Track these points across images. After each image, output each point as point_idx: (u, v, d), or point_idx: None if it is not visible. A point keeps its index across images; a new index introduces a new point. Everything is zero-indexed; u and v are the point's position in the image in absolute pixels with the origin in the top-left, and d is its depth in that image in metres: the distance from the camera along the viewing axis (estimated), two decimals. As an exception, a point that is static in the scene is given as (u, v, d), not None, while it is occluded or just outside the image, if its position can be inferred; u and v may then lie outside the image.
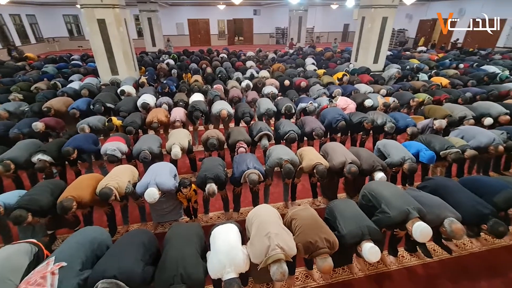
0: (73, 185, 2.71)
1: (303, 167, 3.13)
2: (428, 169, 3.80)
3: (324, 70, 8.02)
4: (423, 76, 7.25)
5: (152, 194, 2.61)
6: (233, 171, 3.15)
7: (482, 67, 8.03)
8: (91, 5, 6.29)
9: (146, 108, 5.05)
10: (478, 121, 4.49)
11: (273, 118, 5.07)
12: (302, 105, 5.08)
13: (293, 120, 5.33)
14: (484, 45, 12.58)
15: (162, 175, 2.82)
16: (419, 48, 12.91)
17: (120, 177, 2.77)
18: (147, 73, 7.83)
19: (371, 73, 7.55)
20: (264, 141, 3.78)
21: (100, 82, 6.96)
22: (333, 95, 5.72)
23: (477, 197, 2.56)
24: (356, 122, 4.34)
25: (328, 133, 4.61)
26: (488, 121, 4.39)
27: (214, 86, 6.26)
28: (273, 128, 4.51)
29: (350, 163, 3.02)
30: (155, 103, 5.33)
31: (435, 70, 7.89)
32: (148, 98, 5.23)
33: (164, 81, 6.80)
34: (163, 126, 4.72)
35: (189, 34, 19.16)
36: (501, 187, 2.60)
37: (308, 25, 17.75)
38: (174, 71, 7.79)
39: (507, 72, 7.29)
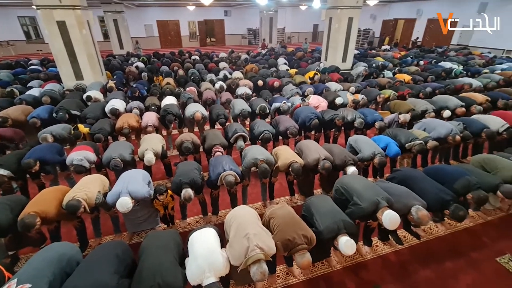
0: (35, 200, 2.52)
1: (279, 166, 3.18)
2: (396, 161, 4.02)
3: (296, 70, 8.19)
4: (388, 73, 7.66)
5: (124, 204, 2.50)
6: (209, 174, 3.11)
7: (440, 64, 8.67)
8: (49, 6, 5.88)
9: (115, 113, 4.83)
10: (438, 113, 4.84)
11: (248, 119, 5.08)
12: (276, 104, 5.14)
13: (267, 120, 5.38)
14: (440, 43, 13.58)
15: (134, 182, 2.72)
16: (384, 47, 13.63)
17: (89, 187, 2.62)
18: (115, 77, 7.49)
19: (340, 72, 7.84)
20: (240, 142, 3.78)
21: (63, 88, 6.53)
22: (305, 94, 5.87)
23: (439, 185, 2.75)
24: (328, 120, 4.48)
25: (302, 132, 4.71)
26: (446, 113, 4.74)
27: (187, 89, 6.15)
28: (248, 128, 4.52)
29: (324, 159, 3.11)
30: (125, 108, 5.12)
31: (398, 67, 8.39)
32: (117, 103, 5.01)
33: (134, 85, 6.55)
34: (135, 131, 4.54)
35: (159, 35, 18.63)
36: (459, 175, 2.82)
37: (279, 25, 18.04)
38: (144, 74, 7.54)
39: (460, 68, 7.93)
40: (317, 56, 10.26)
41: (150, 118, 4.46)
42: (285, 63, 9.23)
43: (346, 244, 2.10)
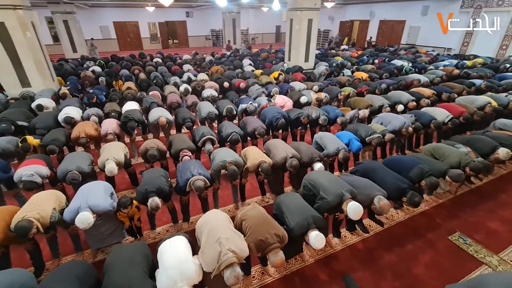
0: (-25, 225, 2.23)
1: (248, 166, 3.19)
2: (359, 155, 4.26)
3: (261, 71, 8.30)
4: (347, 72, 8.11)
5: (85, 219, 2.32)
6: (177, 180, 3.02)
7: (392, 62, 9.38)
8: (-17, 6, 5.27)
9: (70, 122, 4.47)
10: (392, 108, 5.22)
11: (215, 121, 5.02)
12: (242, 106, 5.16)
13: (235, 121, 5.38)
14: (392, 42, 14.71)
15: (95, 195, 2.53)
16: (342, 47, 14.38)
17: (41, 205, 2.38)
18: (68, 82, 6.93)
19: (303, 71, 8.11)
20: (208, 146, 3.73)
21: (7, 97, 5.88)
22: (271, 94, 5.96)
23: (397, 175, 2.97)
24: (294, 118, 4.61)
25: (270, 131, 4.78)
26: (400, 107, 5.14)
27: (150, 93, 5.91)
28: (216, 131, 4.47)
29: (291, 157, 3.19)
30: (81, 116, 4.76)
31: (356, 66, 8.92)
32: (71, 111, 4.64)
33: (91, 91, 6.12)
34: (94, 140, 4.25)
35: (117, 38, 17.63)
36: (413, 164, 3.08)
37: (242, 27, 18.14)
38: (102, 78, 7.08)
39: (410, 65, 8.66)
40: (281, 57, 10.49)
41: (110, 125, 4.20)
42: (250, 64, 9.29)
43: (316, 238, 2.18)
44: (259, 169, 3.13)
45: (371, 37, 16.07)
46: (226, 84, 6.63)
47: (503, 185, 4.04)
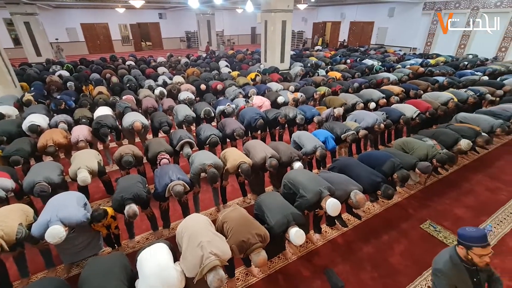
0: None
1: (228, 168, 3.18)
2: (335, 152, 4.40)
3: (238, 72, 8.31)
4: (321, 72, 8.35)
5: (56, 234, 2.19)
6: (155, 186, 2.94)
7: (363, 61, 9.78)
8: None
9: (36, 130, 4.19)
10: (365, 105, 5.45)
11: (193, 124, 4.96)
12: (220, 107, 5.13)
13: (213, 123, 5.34)
14: (362, 43, 15.34)
15: (66, 207, 2.40)
16: (316, 47, 14.77)
17: (5, 221, 2.21)
18: (33, 88, 6.51)
19: (279, 72, 8.23)
20: (187, 149, 3.67)
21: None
22: (248, 95, 5.99)
23: (371, 169, 3.11)
24: (272, 118, 4.66)
25: (249, 132, 4.80)
26: (372, 105, 5.38)
27: (124, 97, 5.71)
28: (194, 134, 4.41)
29: (270, 157, 3.23)
30: (49, 124, 4.50)
31: (330, 66, 9.20)
32: (37, 118, 4.36)
33: (58, 97, 5.79)
34: (63, 149, 4.02)
35: (85, 40, 16.81)
36: (386, 158, 3.23)
37: (217, 28, 18.02)
38: (70, 83, 6.72)
39: (380, 64, 9.09)
40: (257, 58, 10.56)
41: (81, 132, 4.00)
42: (226, 66, 9.27)
43: (296, 234, 2.22)
44: (239, 170, 3.13)
45: (344, 40, 16.65)
46: (203, 86, 6.56)
47: (466, 174, 4.36)
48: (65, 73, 7.93)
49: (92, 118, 4.65)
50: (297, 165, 3.27)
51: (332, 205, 2.42)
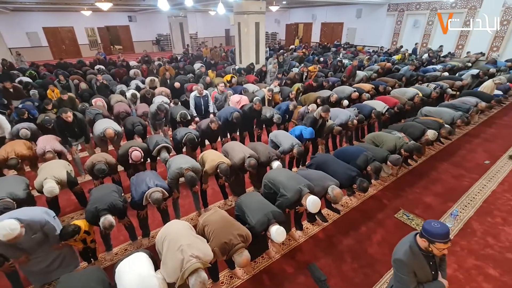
0: None
1: (207, 169, 3.15)
2: (317, 143, 4.50)
3: (214, 73, 8.25)
4: (295, 70, 8.51)
5: (6, 225, 1.96)
6: (131, 194, 2.84)
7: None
8: None
9: (-4, 143, 3.89)
10: (339, 103, 5.64)
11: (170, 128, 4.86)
12: (192, 94, 5.13)
13: (191, 127, 5.25)
14: (333, 43, 15.84)
15: (26, 211, 2.24)
16: (291, 46, 15.04)
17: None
18: (-10, 98, 6.01)
19: (254, 70, 8.30)
20: (164, 154, 3.58)
21: None
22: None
23: (346, 164, 3.24)
24: (247, 109, 4.72)
25: (228, 134, 4.79)
26: (345, 103, 5.58)
27: (93, 100, 5.51)
28: (171, 139, 4.32)
29: (249, 157, 3.24)
30: (10, 132, 4.20)
31: (304, 63, 9.43)
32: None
33: (20, 105, 5.40)
34: (28, 160, 3.76)
35: (49, 45, 15.83)
36: (359, 152, 3.38)
37: (191, 31, 17.79)
38: (33, 91, 6.28)
39: (350, 62, 9.46)
40: (232, 56, 10.57)
41: (48, 142, 3.77)
42: (202, 66, 9.17)
43: (277, 232, 2.25)
44: (218, 171, 3.11)
45: (317, 43, 17.09)
46: (177, 84, 6.49)
47: (433, 164, 4.66)
48: (26, 80, 7.42)
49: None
50: (276, 164, 3.31)
51: (312, 202, 2.48)
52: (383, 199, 3.81)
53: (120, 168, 3.69)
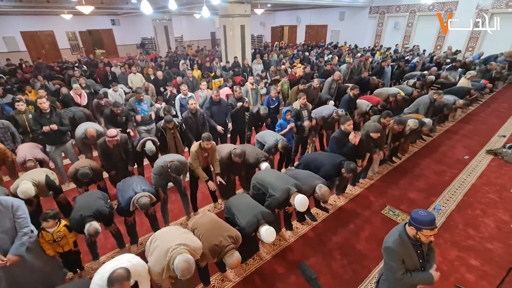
0: None
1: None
2: (305, 148, 4.57)
3: (199, 72, 8.26)
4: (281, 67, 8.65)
5: None
6: (118, 200, 2.79)
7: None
8: None
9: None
10: (325, 103, 5.74)
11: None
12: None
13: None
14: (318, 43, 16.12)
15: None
16: (275, 44, 15.22)
17: None
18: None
19: (241, 69, 8.34)
20: (149, 145, 3.53)
21: None
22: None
23: (332, 154, 3.35)
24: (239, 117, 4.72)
25: (218, 138, 4.79)
26: (331, 103, 5.68)
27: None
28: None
29: (234, 148, 3.25)
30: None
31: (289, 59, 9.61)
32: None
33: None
34: (7, 169, 3.62)
35: (28, 50, 15.28)
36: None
37: (176, 34, 17.65)
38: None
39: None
40: (218, 56, 10.59)
41: (29, 150, 3.63)
42: (184, 63, 9.11)
43: (266, 232, 2.26)
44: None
45: (301, 42, 17.33)
46: (159, 73, 6.62)
47: (416, 160, 4.81)
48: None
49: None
50: (264, 165, 3.33)
51: (300, 201, 2.52)
52: (370, 196, 3.90)
53: (105, 175, 3.62)
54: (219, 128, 4.44)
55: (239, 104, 4.62)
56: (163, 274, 1.81)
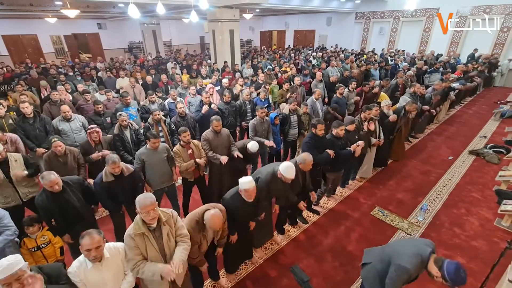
0: None
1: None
2: (295, 150, 4.61)
3: (188, 75, 8.23)
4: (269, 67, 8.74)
5: None
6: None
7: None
8: None
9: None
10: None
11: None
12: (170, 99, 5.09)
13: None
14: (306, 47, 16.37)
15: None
16: (263, 47, 15.35)
17: None
18: None
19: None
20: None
21: None
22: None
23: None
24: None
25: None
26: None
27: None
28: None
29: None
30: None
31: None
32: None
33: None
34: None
35: (10, 54, 14.81)
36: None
37: (164, 38, 17.54)
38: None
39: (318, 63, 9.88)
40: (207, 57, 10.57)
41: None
42: (173, 68, 9.05)
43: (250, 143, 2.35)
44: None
45: (289, 45, 17.57)
46: (148, 78, 6.59)
47: (403, 161, 4.92)
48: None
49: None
50: (251, 143, 3.27)
51: (286, 166, 2.53)
52: (360, 198, 3.97)
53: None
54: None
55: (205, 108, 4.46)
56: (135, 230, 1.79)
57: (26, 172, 2.74)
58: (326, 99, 6.17)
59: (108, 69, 8.66)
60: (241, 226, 2.48)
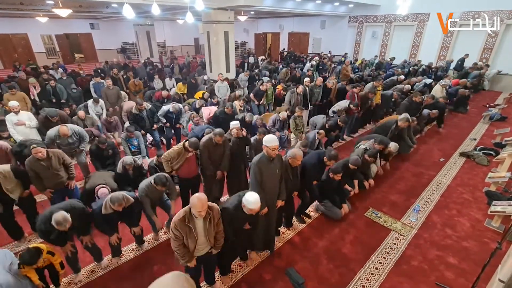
0: None
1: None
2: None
3: (185, 86, 8.21)
4: (265, 79, 8.72)
5: None
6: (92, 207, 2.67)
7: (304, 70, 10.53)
8: None
9: None
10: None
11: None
12: (164, 108, 5.08)
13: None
14: (300, 51, 16.51)
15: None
16: (260, 57, 15.35)
17: None
18: None
19: (230, 80, 8.36)
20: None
21: None
22: (196, 106, 5.93)
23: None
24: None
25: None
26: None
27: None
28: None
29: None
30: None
31: (274, 74, 9.71)
32: None
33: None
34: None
35: (-1, 53, 14.49)
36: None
37: (158, 39, 17.42)
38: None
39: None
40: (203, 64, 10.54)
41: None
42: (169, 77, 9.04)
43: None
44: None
45: (284, 49, 17.69)
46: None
47: (396, 164, 4.99)
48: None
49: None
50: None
51: (268, 138, 2.54)
52: (354, 200, 3.99)
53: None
54: None
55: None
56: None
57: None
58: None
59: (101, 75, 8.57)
60: (238, 231, 2.46)
